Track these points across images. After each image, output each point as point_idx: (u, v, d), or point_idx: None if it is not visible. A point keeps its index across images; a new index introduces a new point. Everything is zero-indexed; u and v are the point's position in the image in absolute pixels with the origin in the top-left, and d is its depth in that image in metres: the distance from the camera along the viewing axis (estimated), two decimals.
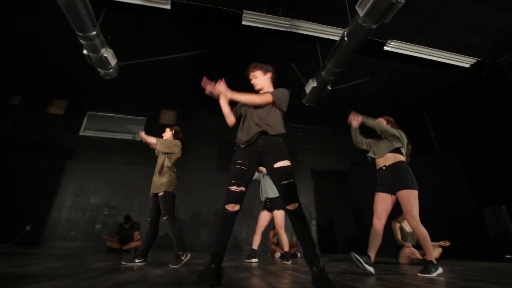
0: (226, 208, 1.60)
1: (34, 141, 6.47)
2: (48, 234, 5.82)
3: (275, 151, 1.68)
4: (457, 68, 5.28)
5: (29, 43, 5.39)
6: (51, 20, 4.80)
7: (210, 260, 1.51)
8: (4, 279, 1.41)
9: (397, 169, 2.52)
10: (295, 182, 1.64)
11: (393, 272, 2.57)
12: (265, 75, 1.90)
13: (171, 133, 3.20)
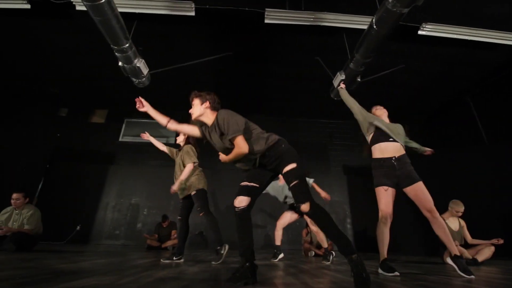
0: (234, 205, 1.61)
1: (80, 148, 7.09)
2: (95, 233, 6.34)
3: (279, 160, 1.65)
4: (504, 48, 4.75)
5: (71, 60, 5.90)
6: (89, 38, 5.20)
7: (243, 259, 1.53)
8: (59, 274, 1.56)
9: (406, 162, 2.33)
10: (304, 182, 1.59)
11: (439, 272, 2.39)
12: (202, 105, 1.84)
13: (184, 137, 3.30)
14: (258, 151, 1.66)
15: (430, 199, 2.20)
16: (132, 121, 7.84)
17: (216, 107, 1.87)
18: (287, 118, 8.06)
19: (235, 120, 1.68)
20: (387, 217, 2.27)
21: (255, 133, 1.72)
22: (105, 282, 1.36)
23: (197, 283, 1.47)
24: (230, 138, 1.63)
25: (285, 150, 1.67)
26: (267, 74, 6.34)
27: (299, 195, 1.54)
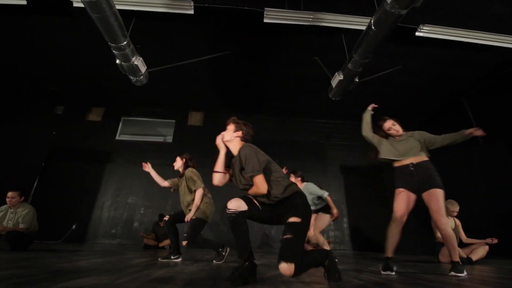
0: (227, 206, 1.57)
1: (76, 147, 7.03)
2: (91, 232, 6.29)
3: (288, 210, 1.57)
4: (500, 50, 4.80)
5: (67, 57, 5.84)
6: (86, 35, 5.16)
7: (242, 260, 1.53)
8: (56, 274, 1.55)
9: (425, 168, 2.35)
10: (299, 241, 1.45)
11: (434, 271, 2.41)
12: (234, 132, 1.83)
13: (182, 162, 3.22)
14: (275, 196, 1.59)
15: (439, 209, 2.22)
16: (129, 119, 7.80)
17: (247, 139, 1.86)
18: (286, 117, 8.07)
19: (256, 158, 1.62)
20: (397, 218, 2.32)
21: (275, 176, 1.65)
22: (103, 281, 1.35)
23: (196, 282, 1.46)
24: (249, 176, 1.60)
25: (299, 203, 1.58)
26: (265, 74, 6.34)
27: (286, 251, 1.38)
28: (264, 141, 7.82)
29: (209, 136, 8.71)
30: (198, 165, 7.99)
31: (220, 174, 1.80)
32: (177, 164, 3.24)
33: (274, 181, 1.62)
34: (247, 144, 1.74)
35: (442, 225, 2.21)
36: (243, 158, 1.64)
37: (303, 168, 7.35)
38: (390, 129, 2.65)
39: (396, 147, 2.53)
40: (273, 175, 1.64)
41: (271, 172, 1.65)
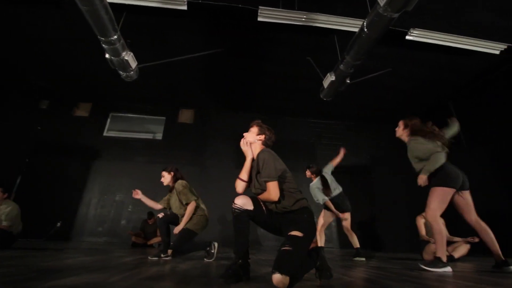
0: (234, 202, 1.57)
1: (62, 142, 6.83)
2: (77, 229, 6.15)
3: (293, 223, 1.54)
4: (486, 55, 4.98)
5: (55, 50, 5.66)
6: (75, 28, 5.01)
7: (236, 257, 1.53)
8: (45, 273, 1.51)
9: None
10: (298, 256, 1.38)
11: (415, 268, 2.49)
12: (257, 135, 1.83)
13: (171, 176, 3.17)
14: (284, 206, 1.58)
15: (428, 204, 2.41)
16: (117, 115, 7.64)
17: (268, 144, 1.85)
18: (276, 116, 8.09)
19: (274, 164, 1.61)
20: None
21: (288, 187, 1.63)
22: (95, 280, 1.33)
23: (190, 280, 1.46)
24: (264, 181, 1.59)
25: (304, 219, 1.55)
26: (257, 72, 6.34)
27: (284, 263, 1.30)
28: None
29: (200, 134, 8.72)
30: (188, 164, 7.97)
31: (245, 183, 1.78)
32: (165, 180, 3.19)
33: (286, 191, 1.61)
34: (267, 149, 1.74)
35: (428, 218, 2.39)
36: (261, 162, 1.64)
37: (293, 167, 7.42)
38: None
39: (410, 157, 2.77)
40: (286, 185, 1.63)
41: (285, 182, 1.64)
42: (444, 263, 2.20)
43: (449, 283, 1.63)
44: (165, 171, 3.22)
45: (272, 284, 1.25)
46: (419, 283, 1.58)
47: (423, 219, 3.80)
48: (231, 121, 7.89)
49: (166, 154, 7.31)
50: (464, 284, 1.59)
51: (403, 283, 1.55)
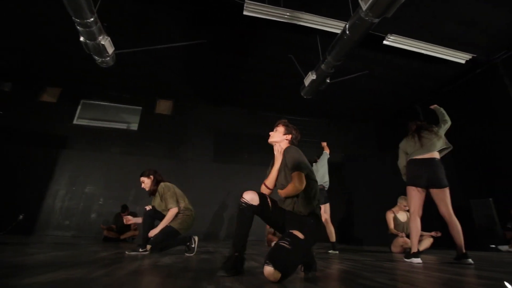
0: (243, 197, 1.57)
1: (26, 129, 6.33)
2: (41, 223, 5.77)
3: (299, 224, 1.55)
4: (453, 64, 5.37)
5: (20, 27, 5.18)
6: (45, 5, 4.63)
7: (233, 249, 1.51)
8: (19, 269, 1.41)
9: None
10: (294, 256, 1.36)
11: (390, 260, 2.67)
12: (284, 135, 1.88)
13: (151, 180, 3.01)
14: (300, 211, 1.59)
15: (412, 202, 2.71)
16: (89, 103, 7.21)
17: (294, 143, 1.89)
18: (257, 111, 8.12)
19: (303, 159, 1.67)
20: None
21: (309, 191, 1.63)
22: (76, 275, 1.27)
23: (175, 274, 1.45)
24: (291, 170, 1.61)
25: (311, 224, 1.56)
26: (239, 66, 6.29)
27: (280, 258, 1.30)
28: (234, 134, 7.83)
29: (178, 126, 8.50)
30: (165, 156, 7.77)
31: (270, 191, 1.77)
32: (146, 185, 3.01)
33: (306, 195, 1.61)
34: (295, 147, 1.77)
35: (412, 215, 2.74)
36: (290, 157, 1.67)
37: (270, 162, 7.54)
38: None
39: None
40: (309, 187, 1.62)
41: (309, 184, 1.63)
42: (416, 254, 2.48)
43: (419, 273, 1.77)
44: (143, 177, 3.03)
45: (263, 278, 1.28)
46: (393, 274, 1.71)
47: (392, 214, 4.06)
48: (211, 114, 7.79)
49: (141, 145, 7.06)
50: (431, 274, 1.75)
51: (378, 274, 1.66)
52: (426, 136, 2.77)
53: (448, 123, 2.88)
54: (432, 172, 2.64)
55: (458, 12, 4.46)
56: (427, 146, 2.71)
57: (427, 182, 2.64)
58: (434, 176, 2.62)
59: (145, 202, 6.30)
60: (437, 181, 2.62)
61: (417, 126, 2.94)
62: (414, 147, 2.78)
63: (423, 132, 2.84)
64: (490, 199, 4.77)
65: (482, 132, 5.48)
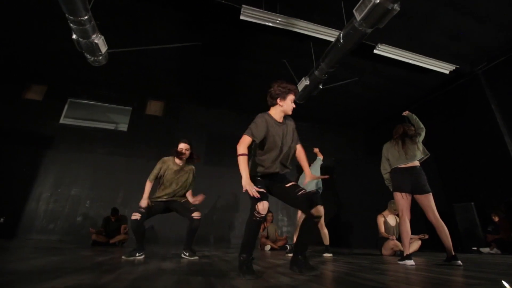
0: (259, 211, 1.67)
1: (9, 128, 6.06)
2: (24, 227, 5.53)
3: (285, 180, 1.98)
4: (438, 74, 5.64)
5: (4, 21, 4.98)
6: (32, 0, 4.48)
7: (248, 255, 1.63)
8: (23, 274, 1.37)
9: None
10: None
11: (382, 262, 2.77)
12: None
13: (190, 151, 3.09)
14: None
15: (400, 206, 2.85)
16: (76, 101, 7.00)
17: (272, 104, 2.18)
18: (248, 114, 8.12)
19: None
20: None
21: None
22: (85, 281, 1.25)
23: (186, 278, 1.45)
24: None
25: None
26: (233, 69, 6.32)
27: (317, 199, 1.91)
28: (226, 136, 7.81)
29: (168, 127, 8.40)
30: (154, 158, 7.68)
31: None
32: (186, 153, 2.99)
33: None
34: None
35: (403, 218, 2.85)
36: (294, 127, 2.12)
37: None
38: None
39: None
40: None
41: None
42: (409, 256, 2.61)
43: (415, 274, 1.86)
44: (187, 144, 3.01)
45: (272, 281, 1.30)
46: (392, 275, 1.78)
47: (382, 217, 4.20)
48: (202, 116, 7.75)
49: (130, 146, 6.92)
50: (427, 275, 1.84)
51: (379, 276, 1.73)
52: (409, 146, 2.87)
53: (424, 131, 3.02)
54: (415, 179, 2.78)
55: (444, 25, 4.70)
56: (410, 155, 2.83)
57: (412, 188, 2.79)
58: (418, 183, 2.76)
59: (134, 205, 6.19)
60: (421, 187, 2.76)
61: (404, 131, 3.03)
62: (397, 155, 2.89)
63: (407, 139, 2.94)
64: (471, 203, 5.02)
65: (464, 139, 5.77)
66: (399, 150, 2.90)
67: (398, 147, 2.92)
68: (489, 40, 4.93)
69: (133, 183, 6.43)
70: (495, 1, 4.20)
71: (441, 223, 2.65)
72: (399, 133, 3.03)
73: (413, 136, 2.94)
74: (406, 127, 3.05)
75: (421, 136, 2.97)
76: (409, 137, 2.94)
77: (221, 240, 6.62)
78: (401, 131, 3.02)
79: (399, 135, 3.00)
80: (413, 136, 2.94)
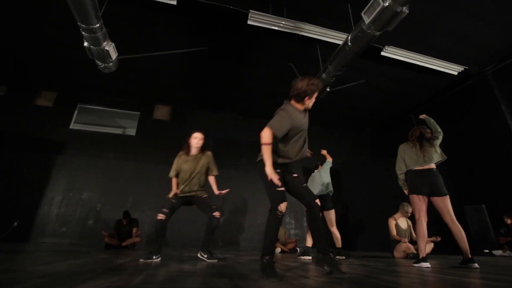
0: (281, 211, 1.73)
1: (21, 134, 6.17)
2: (37, 230, 5.61)
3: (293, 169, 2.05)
4: (446, 75, 5.63)
5: (15, 30, 5.09)
6: (41, 7, 4.59)
7: (271, 256, 1.66)
8: (52, 277, 1.41)
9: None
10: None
11: (397, 265, 2.77)
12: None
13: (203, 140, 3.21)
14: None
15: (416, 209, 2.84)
16: (86, 107, 7.11)
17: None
18: (255, 118, 8.20)
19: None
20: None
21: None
22: (117, 283, 1.29)
23: (212, 280, 1.48)
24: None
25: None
26: (239, 74, 6.37)
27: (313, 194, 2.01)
28: (232, 140, 7.86)
29: (176, 131, 8.47)
30: (162, 162, 7.73)
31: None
32: (200, 141, 3.09)
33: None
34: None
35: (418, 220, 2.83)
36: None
37: None
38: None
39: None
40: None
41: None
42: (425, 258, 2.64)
43: (434, 276, 1.87)
44: (201, 133, 3.13)
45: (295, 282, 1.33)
46: (411, 277, 1.80)
47: (394, 220, 4.19)
48: (208, 120, 7.81)
49: (139, 151, 7.00)
50: (445, 277, 1.85)
51: (398, 278, 1.75)
52: (427, 148, 2.87)
53: (441, 135, 3.03)
54: (432, 181, 2.77)
55: (452, 27, 4.71)
56: (428, 158, 2.83)
57: (429, 191, 2.78)
58: (435, 185, 2.76)
59: (143, 208, 6.26)
60: (438, 190, 2.75)
61: (420, 133, 3.03)
62: (415, 158, 2.89)
63: (425, 142, 2.94)
64: (483, 205, 4.98)
65: (474, 140, 5.74)
66: (416, 153, 2.89)
67: (416, 149, 2.92)
68: (498, 41, 4.92)
69: (142, 186, 6.51)
70: (503, 3, 4.20)
71: (458, 226, 2.64)
72: (415, 135, 3.02)
73: (430, 139, 2.93)
74: (423, 129, 3.04)
75: (439, 140, 2.97)
76: (426, 140, 2.94)
77: (230, 243, 6.64)
78: (418, 134, 3.01)
79: (416, 137, 2.99)
80: (430, 139, 2.94)
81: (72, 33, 4.75)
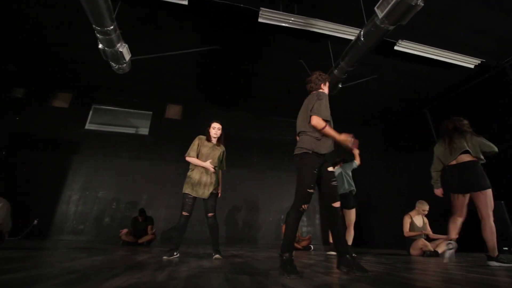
0: (303, 208, 1.77)
1: (38, 134, 6.37)
2: (56, 228, 5.80)
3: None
4: (461, 69, 5.47)
5: (32, 34, 5.24)
6: (57, 11, 4.70)
7: (290, 252, 1.69)
8: (82, 273, 1.47)
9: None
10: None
11: (416, 263, 2.73)
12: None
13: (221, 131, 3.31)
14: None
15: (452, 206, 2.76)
16: (100, 108, 7.27)
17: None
18: (266, 116, 8.20)
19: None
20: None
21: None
22: (142, 279, 1.33)
23: (234, 277, 1.50)
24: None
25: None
26: (250, 72, 6.37)
27: (337, 194, 1.94)
28: (243, 138, 7.89)
29: (188, 130, 8.56)
30: (175, 160, 7.82)
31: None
32: (218, 132, 3.20)
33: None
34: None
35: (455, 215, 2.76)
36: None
37: (280, 165, 7.58)
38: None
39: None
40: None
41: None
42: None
43: (457, 274, 1.84)
44: (220, 124, 3.24)
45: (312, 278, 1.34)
46: (434, 275, 1.77)
47: (409, 218, 4.12)
48: (219, 119, 7.79)
49: (152, 150, 7.12)
50: (468, 275, 1.82)
51: (419, 275, 1.73)
52: (456, 140, 2.73)
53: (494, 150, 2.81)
54: (461, 177, 2.64)
55: (467, 19, 4.56)
56: (455, 151, 2.70)
57: (460, 187, 2.65)
58: (465, 181, 2.63)
59: (157, 206, 6.37)
60: (470, 185, 2.61)
61: (454, 126, 2.87)
62: (444, 154, 2.80)
63: (455, 135, 2.79)
64: (502, 202, 4.84)
65: (492, 134, 5.53)
66: (445, 148, 2.80)
67: (445, 144, 2.82)
68: None
69: (156, 184, 6.63)
70: None
71: (487, 223, 2.53)
72: (449, 129, 2.88)
73: (463, 132, 2.77)
74: (458, 122, 2.87)
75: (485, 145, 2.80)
76: (458, 132, 2.79)
77: (243, 241, 6.69)
78: (451, 127, 2.86)
79: (448, 132, 2.87)
80: (463, 131, 2.78)
81: (86, 37, 4.87)
